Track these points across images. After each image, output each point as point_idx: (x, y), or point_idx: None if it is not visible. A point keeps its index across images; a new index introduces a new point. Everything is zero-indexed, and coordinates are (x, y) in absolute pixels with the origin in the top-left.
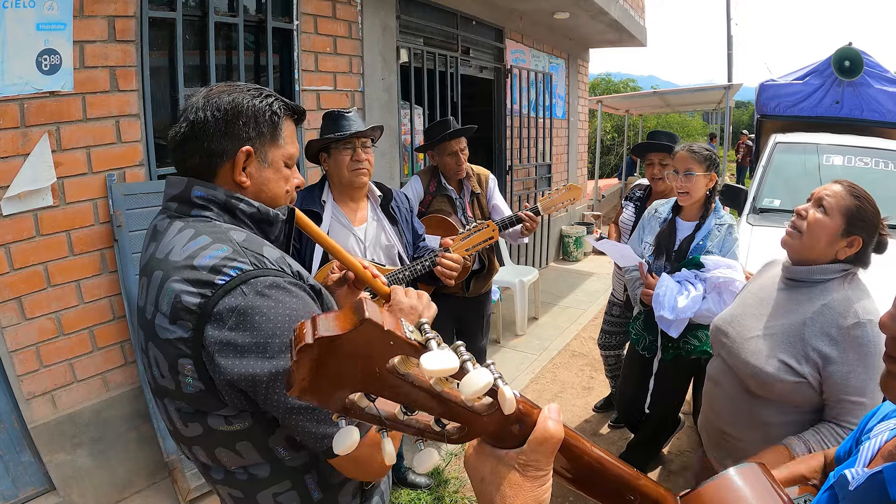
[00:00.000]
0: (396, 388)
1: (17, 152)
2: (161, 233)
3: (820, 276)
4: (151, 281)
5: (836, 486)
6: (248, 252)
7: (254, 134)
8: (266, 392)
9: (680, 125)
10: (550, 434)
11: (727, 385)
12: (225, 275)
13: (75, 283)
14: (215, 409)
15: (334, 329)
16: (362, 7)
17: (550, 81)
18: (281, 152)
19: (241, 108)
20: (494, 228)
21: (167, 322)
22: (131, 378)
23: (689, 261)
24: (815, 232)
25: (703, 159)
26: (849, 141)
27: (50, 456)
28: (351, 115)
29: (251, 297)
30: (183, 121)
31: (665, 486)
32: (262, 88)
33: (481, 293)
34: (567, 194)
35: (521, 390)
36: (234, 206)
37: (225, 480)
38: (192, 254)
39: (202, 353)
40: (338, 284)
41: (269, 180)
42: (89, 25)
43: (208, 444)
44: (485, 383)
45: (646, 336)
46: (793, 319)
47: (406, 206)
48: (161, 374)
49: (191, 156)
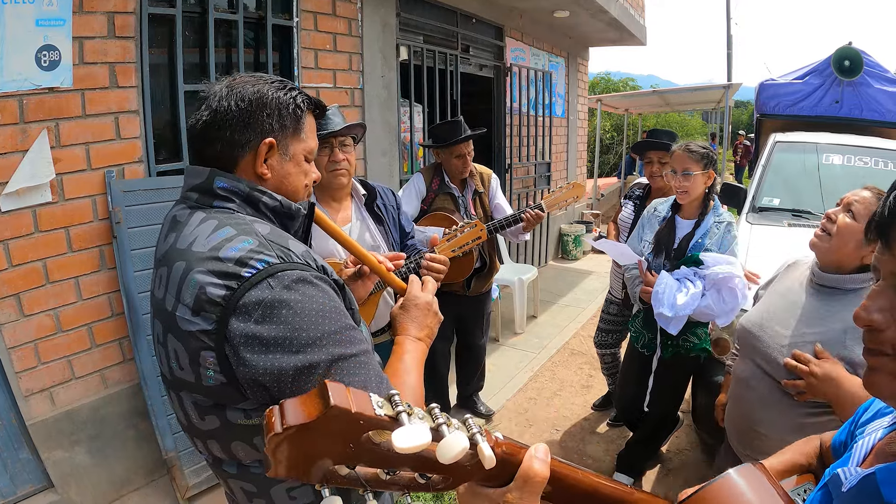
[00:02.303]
0: (374, 457)
1: (15, 148)
2: (181, 223)
3: (852, 286)
4: (172, 272)
5: (829, 485)
6: (274, 245)
7: (277, 126)
8: (291, 387)
9: (679, 124)
10: (535, 473)
11: (761, 388)
12: (252, 267)
13: (74, 279)
14: (235, 403)
15: (302, 417)
16: (362, 4)
17: (550, 80)
18: (303, 146)
19: (266, 100)
20: (482, 228)
21: (189, 314)
22: (130, 375)
23: (689, 258)
24: (844, 235)
25: (700, 158)
26: (848, 140)
27: (48, 453)
28: (328, 113)
29: (278, 290)
30: (205, 109)
31: (662, 490)
32: (285, 81)
33: (482, 292)
34: (570, 192)
35: (520, 389)
36: (258, 198)
37: (238, 475)
38: (216, 245)
39: (225, 345)
40: (352, 279)
41: (290, 174)
42: (89, 21)
43: (225, 437)
44: (460, 449)
45: (645, 334)
46: (832, 327)
47: (392, 204)
48: (180, 366)
49: (212, 145)
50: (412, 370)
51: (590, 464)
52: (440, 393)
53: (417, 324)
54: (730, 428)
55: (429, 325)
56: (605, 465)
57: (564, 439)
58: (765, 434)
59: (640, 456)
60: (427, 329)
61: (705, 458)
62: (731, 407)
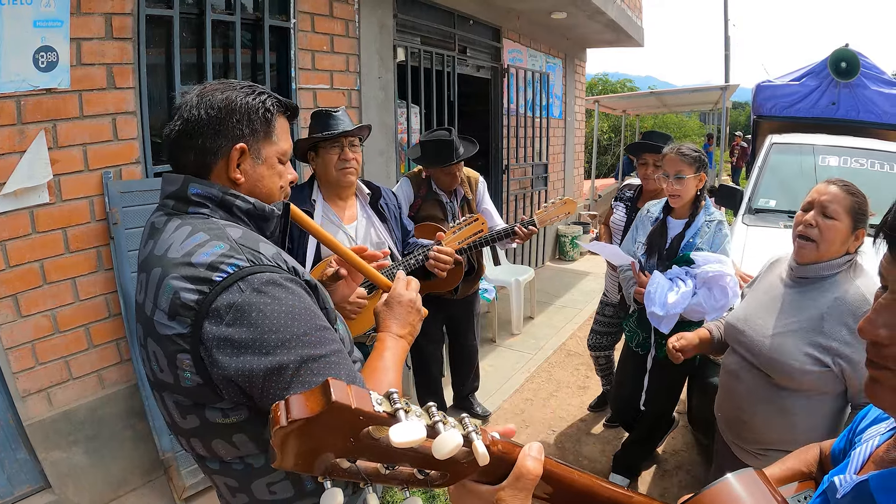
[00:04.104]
0: (374, 451)
1: (13, 149)
2: (159, 230)
3: (828, 272)
4: (150, 277)
5: (827, 492)
6: (245, 248)
7: (247, 131)
8: (262, 387)
9: (677, 125)
10: (528, 470)
11: (748, 379)
12: (222, 271)
13: (71, 280)
14: (212, 403)
15: (305, 412)
16: (359, 5)
17: (547, 81)
18: (275, 149)
19: (235, 106)
20: (483, 221)
21: (166, 318)
22: (127, 376)
23: (680, 258)
24: (830, 238)
25: (692, 161)
26: (845, 142)
27: (45, 453)
28: (339, 114)
29: (248, 293)
30: (177, 119)
31: (658, 491)
32: (254, 86)
33: (468, 294)
34: (563, 208)
35: (517, 389)
36: (231, 202)
37: (221, 470)
38: (189, 251)
39: (200, 348)
40: (332, 279)
41: (263, 177)
42: (86, 23)
43: (205, 435)
44: (454, 445)
45: (639, 333)
46: (810, 314)
47: (395, 203)
48: (160, 368)
49: (185, 153)
50: (391, 368)
51: (586, 464)
52: (435, 394)
53: (400, 321)
54: (720, 418)
55: (411, 322)
56: (602, 465)
57: (561, 440)
58: (752, 423)
59: (636, 456)
60: (409, 327)
61: (701, 459)
62: (721, 398)
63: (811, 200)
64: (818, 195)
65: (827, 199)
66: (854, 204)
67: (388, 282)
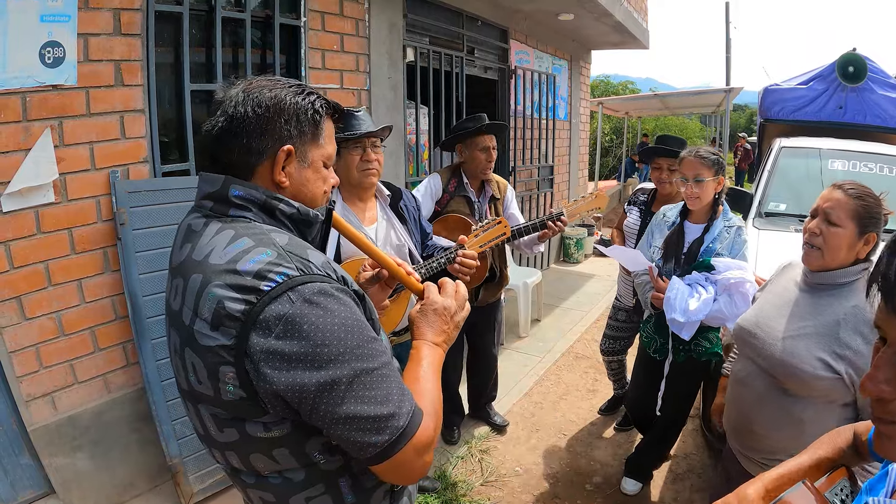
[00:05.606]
0: None
1: (18, 147)
2: (197, 233)
3: (844, 279)
4: (189, 284)
5: None
6: (294, 256)
7: (295, 132)
8: (313, 403)
9: (678, 128)
10: None
11: (758, 386)
12: (271, 280)
13: (76, 282)
14: (255, 417)
15: None
16: (369, 5)
17: (553, 83)
18: (321, 152)
19: (284, 105)
20: (506, 224)
21: (208, 328)
22: (133, 380)
23: (700, 263)
24: (834, 245)
25: (712, 164)
26: (852, 146)
27: (49, 459)
28: (361, 114)
29: (299, 304)
30: (220, 114)
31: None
32: (302, 85)
33: (489, 302)
34: (594, 202)
35: (526, 393)
36: (274, 206)
37: (256, 484)
38: (234, 257)
39: (245, 361)
40: (370, 283)
41: (308, 180)
42: (94, 18)
43: (243, 449)
44: None
45: (657, 339)
46: (825, 320)
47: (413, 205)
48: (198, 379)
49: (227, 152)
50: (430, 376)
51: (598, 468)
52: (452, 402)
53: (435, 329)
54: (728, 428)
55: (446, 330)
56: (613, 469)
57: (572, 444)
58: (762, 433)
59: (648, 460)
60: (444, 334)
61: (712, 462)
62: (729, 407)
63: (816, 207)
64: (822, 202)
65: (829, 206)
66: (859, 208)
67: (419, 286)
